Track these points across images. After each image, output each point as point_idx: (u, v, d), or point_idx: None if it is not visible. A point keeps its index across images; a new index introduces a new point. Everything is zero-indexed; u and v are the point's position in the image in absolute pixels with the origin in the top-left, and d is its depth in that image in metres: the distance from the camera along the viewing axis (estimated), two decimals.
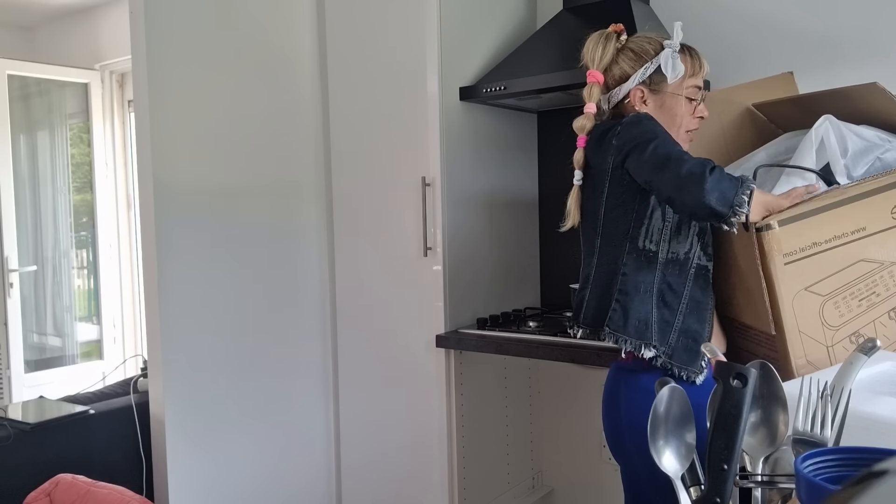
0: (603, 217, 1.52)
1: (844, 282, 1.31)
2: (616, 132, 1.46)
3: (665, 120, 1.50)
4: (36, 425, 2.01)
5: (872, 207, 1.31)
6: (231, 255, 2.24)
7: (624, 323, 1.46)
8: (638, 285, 1.47)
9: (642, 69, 1.51)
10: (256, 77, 2.31)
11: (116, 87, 4.15)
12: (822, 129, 1.41)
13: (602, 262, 1.52)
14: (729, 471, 0.71)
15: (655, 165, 1.38)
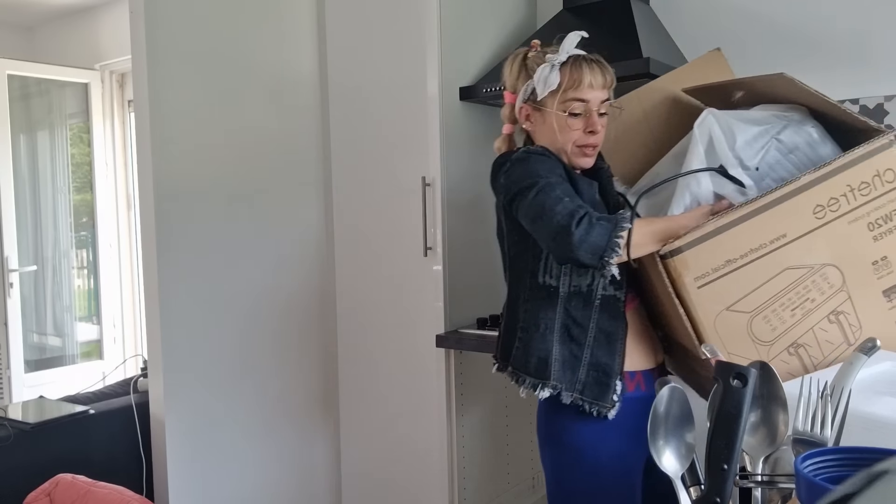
0: (507, 252, 1.51)
1: (771, 294, 1.21)
2: (505, 169, 1.44)
3: (549, 136, 1.47)
4: (36, 425, 2.01)
5: (791, 211, 1.21)
6: (231, 254, 2.24)
7: (525, 360, 1.44)
8: (539, 321, 1.44)
9: (524, 88, 1.49)
10: (256, 76, 2.31)
11: (116, 87, 4.15)
12: (706, 125, 1.33)
13: (510, 297, 1.52)
14: (729, 471, 0.71)
15: (531, 217, 1.36)
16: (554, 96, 1.43)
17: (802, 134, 1.32)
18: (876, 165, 1.21)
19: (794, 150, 1.32)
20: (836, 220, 1.20)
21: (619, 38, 2.14)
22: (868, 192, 1.21)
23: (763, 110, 1.37)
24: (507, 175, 1.43)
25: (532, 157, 1.42)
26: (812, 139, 1.33)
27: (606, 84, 1.47)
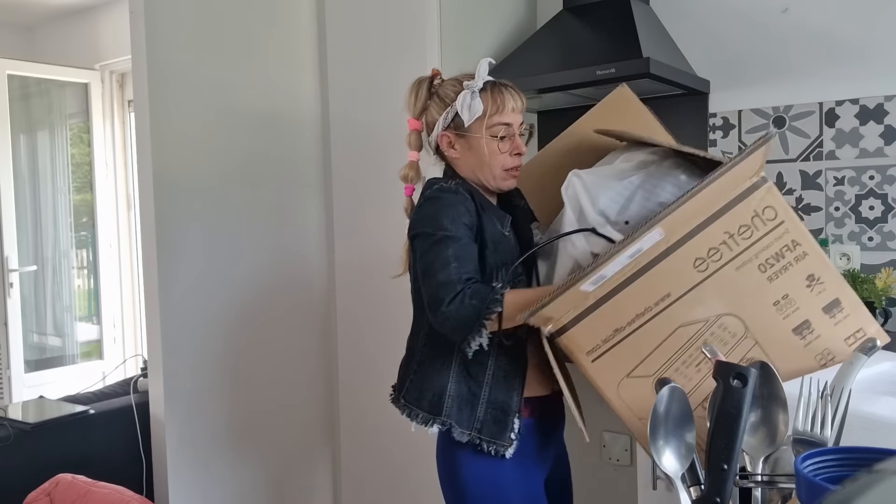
0: (412, 282, 1.49)
1: (670, 354, 1.15)
2: (419, 203, 1.44)
3: (475, 162, 1.47)
4: (36, 425, 2.01)
5: (670, 270, 1.14)
6: (231, 254, 2.24)
7: (418, 395, 1.43)
8: (436, 357, 1.43)
9: (443, 116, 1.47)
10: (256, 76, 2.31)
11: (116, 87, 4.15)
12: (572, 189, 1.32)
13: (413, 327, 1.51)
14: (729, 471, 0.71)
15: (420, 269, 1.38)
16: (480, 122, 1.44)
17: (669, 179, 1.28)
18: (752, 206, 1.15)
19: (661, 196, 1.27)
20: (722, 270, 1.14)
21: (619, 38, 2.15)
22: (750, 235, 1.15)
23: (628, 160, 1.31)
24: (416, 211, 1.44)
25: (444, 197, 1.40)
26: (679, 181, 1.28)
27: (524, 107, 1.51)
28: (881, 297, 1.98)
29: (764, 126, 2.26)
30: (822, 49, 2.15)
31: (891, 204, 2.08)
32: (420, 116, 1.51)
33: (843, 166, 2.14)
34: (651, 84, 2.13)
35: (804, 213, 2.20)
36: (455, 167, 1.51)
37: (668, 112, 2.43)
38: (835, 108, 2.14)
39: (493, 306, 1.27)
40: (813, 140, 2.18)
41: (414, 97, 1.51)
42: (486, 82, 1.46)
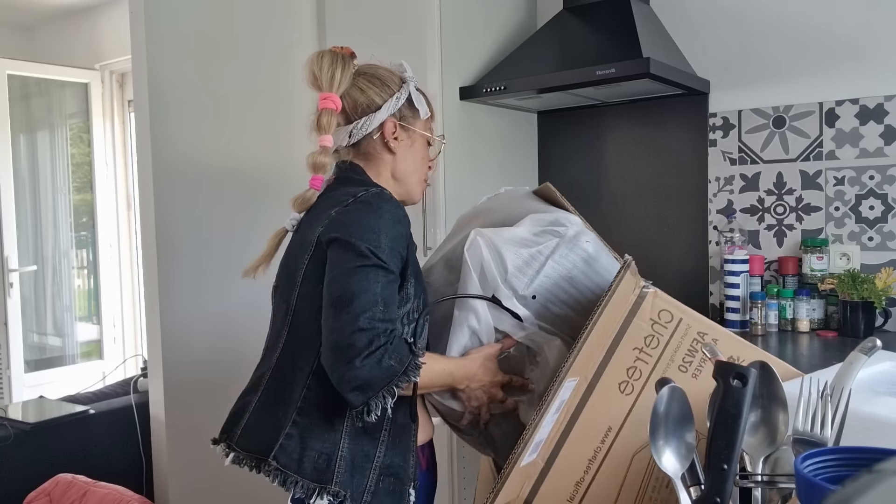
0: (296, 302, 1.16)
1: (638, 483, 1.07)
2: (346, 203, 1.14)
3: (411, 164, 1.28)
4: (36, 425, 2.01)
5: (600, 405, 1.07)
6: (231, 254, 2.24)
7: (299, 457, 1.10)
8: (327, 405, 1.11)
9: (393, 99, 1.25)
10: (256, 76, 2.31)
11: (116, 87, 4.15)
12: (475, 249, 1.18)
13: (283, 365, 1.16)
14: (729, 471, 0.71)
15: (336, 297, 1.06)
16: (425, 122, 1.30)
17: (577, 251, 1.21)
18: (647, 315, 1.12)
19: (571, 271, 1.20)
20: (647, 385, 1.09)
21: (619, 38, 2.15)
22: (658, 343, 1.11)
23: (534, 223, 1.22)
24: (347, 210, 1.13)
25: (388, 210, 1.13)
26: (588, 255, 1.22)
27: None
28: (881, 297, 1.98)
29: (764, 126, 2.26)
30: (822, 49, 2.15)
31: (891, 204, 2.08)
32: (340, 93, 1.23)
33: (843, 166, 2.14)
34: (651, 84, 2.14)
35: (804, 213, 2.21)
36: (376, 168, 1.26)
37: (668, 112, 2.43)
38: (835, 108, 2.14)
39: (411, 373, 1.06)
40: (813, 140, 2.18)
41: (339, 70, 1.23)
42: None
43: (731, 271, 2.17)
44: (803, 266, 2.16)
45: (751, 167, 2.29)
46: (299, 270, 1.16)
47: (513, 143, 2.55)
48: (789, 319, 2.13)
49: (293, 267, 1.19)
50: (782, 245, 2.25)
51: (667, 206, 2.45)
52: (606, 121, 2.56)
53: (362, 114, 1.24)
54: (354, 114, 1.24)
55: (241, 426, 1.19)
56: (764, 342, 2.01)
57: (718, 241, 2.34)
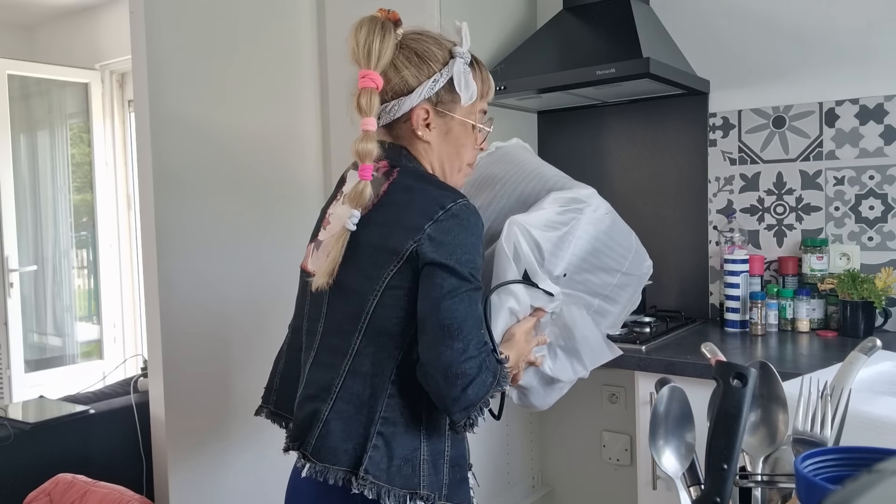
0: (372, 311, 1.10)
1: None
2: (437, 218, 1.07)
3: (448, 153, 1.19)
4: (36, 425, 2.01)
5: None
6: (232, 254, 2.24)
7: (387, 466, 1.08)
8: (410, 412, 1.11)
9: (430, 81, 1.14)
10: (256, 77, 2.30)
11: (116, 86, 4.15)
12: (512, 238, 1.20)
13: (359, 371, 1.11)
14: (729, 470, 0.71)
15: (447, 324, 1.05)
16: (472, 105, 1.19)
17: (597, 224, 1.29)
18: None
19: (594, 244, 1.28)
20: None
21: (619, 38, 2.15)
22: None
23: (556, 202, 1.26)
24: (438, 224, 1.06)
25: (478, 225, 1.10)
26: (607, 227, 1.31)
27: None
28: (881, 297, 1.98)
29: (764, 126, 2.26)
30: (822, 49, 2.15)
31: (890, 204, 2.08)
32: (384, 72, 1.12)
33: (843, 166, 2.14)
34: (651, 84, 2.14)
35: (804, 213, 2.21)
36: (416, 154, 1.17)
37: (668, 112, 2.43)
38: (835, 107, 2.14)
39: (503, 382, 1.09)
40: (813, 140, 2.18)
41: (378, 42, 1.12)
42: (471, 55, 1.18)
43: (731, 271, 2.17)
44: (803, 266, 2.16)
45: (751, 167, 2.29)
46: (381, 278, 1.09)
47: None
48: (789, 319, 2.13)
49: (369, 272, 1.10)
50: (782, 245, 2.25)
51: (667, 205, 2.45)
52: (606, 121, 2.56)
53: (393, 96, 1.14)
54: (386, 94, 1.14)
55: (316, 435, 1.12)
56: (764, 342, 2.01)
57: (718, 240, 2.34)
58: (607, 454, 2.51)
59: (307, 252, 1.25)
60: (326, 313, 1.16)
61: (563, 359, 1.30)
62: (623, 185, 2.53)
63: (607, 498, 2.53)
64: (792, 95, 2.21)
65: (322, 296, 1.15)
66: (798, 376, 0.90)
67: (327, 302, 1.15)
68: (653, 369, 1.84)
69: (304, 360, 1.20)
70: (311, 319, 1.19)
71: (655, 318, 2.26)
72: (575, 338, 1.29)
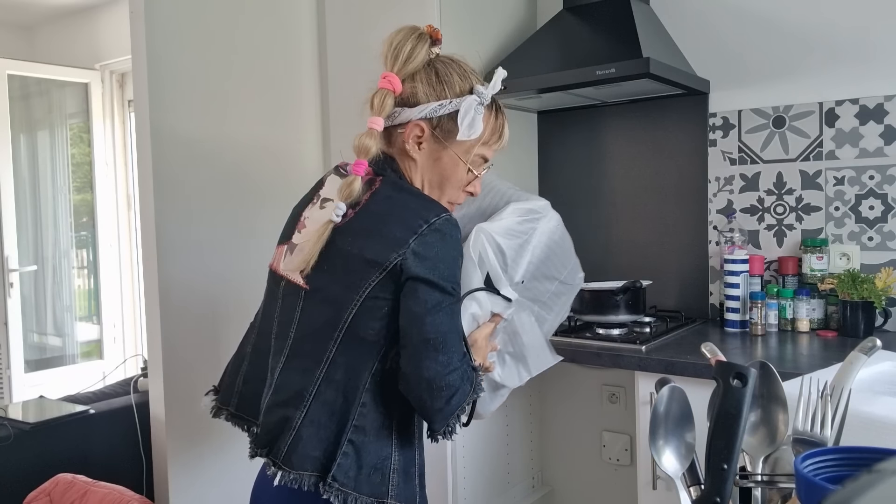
0: (350, 319, 1.09)
1: None
2: (420, 232, 1.08)
3: (431, 179, 1.19)
4: (36, 425, 2.01)
5: None
6: (232, 254, 2.24)
7: (356, 474, 1.09)
8: (382, 421, 1.11)
9: (436, 104, 1.15)
10: (256, 77, 2.30)
11: (116, 86, 4.15)
12: (479, 245, 1.22)
13: (333, 379, 1.10)
14: (729, 470, 0.71)
15: (431, 338, 1.07)
16: (472, 144, 1.18)
17: (549, 233, 1.32)
18: None
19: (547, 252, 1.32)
20: None
21: (619, 38, 2.14)
22: None
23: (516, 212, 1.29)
24: (422, 239, 1.07)
25: (458, 238, 1.12)
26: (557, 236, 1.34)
27: None
28: (881, 297, 1.98)
29: (764, 126, 2.26)
30: (822, 49, 2.15)
31: (891, 204, 2.08)
32: (404, 77, 1.15)
33: (843, 166, 2.14)
34: (651, 84, 2.14)
35: (804, 213, 2.21)
36: (403, 168, 1.19)
37: (668, 112, 2.43)
38: (835, 107, 2.14)
39: (478, 389, 1.13)
40: (813, 140, 2.18)
41: (408, 50, 1.15)
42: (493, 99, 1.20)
43: (731, 271, 2.17)
44: (803, 266, 2.16)
45: (751, 167, 2.29)
46: (360, 287, 1.08)
47: (512, 143, 2.53)
48: (789, 319, 2.13)
49: (348, 280, 1.09)
50: (782, 245, 2.25)
51: (667, 206, 2.45)
52: (606, 121, 2.56)
53: (399, 103, 1.17)
54: (400, 102, 1.17)
55: (287, 442, 1.10)
56: (764, 342, 2.01)
57: (718, 240, 2.34)
58: (607, 454, 2.51)
59: (278, 254, 1.25)
60: (299, 318, 1.14)
61: (510, 365, 1.31)
62: (623, 185, 2.53)
63: (607, 498, 2.53)
64: (792, 95, 2.21)
65: (295, 300, 1.15)
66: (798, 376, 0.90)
67: (301, 307, 1.14)
68: (653, 369, 1.84)
69: (273, 364, 1.17)
70: (281, 323, 1.18)
71: (655, 318, 2.26)
72: (523, 343, 1.31)
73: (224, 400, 1.29)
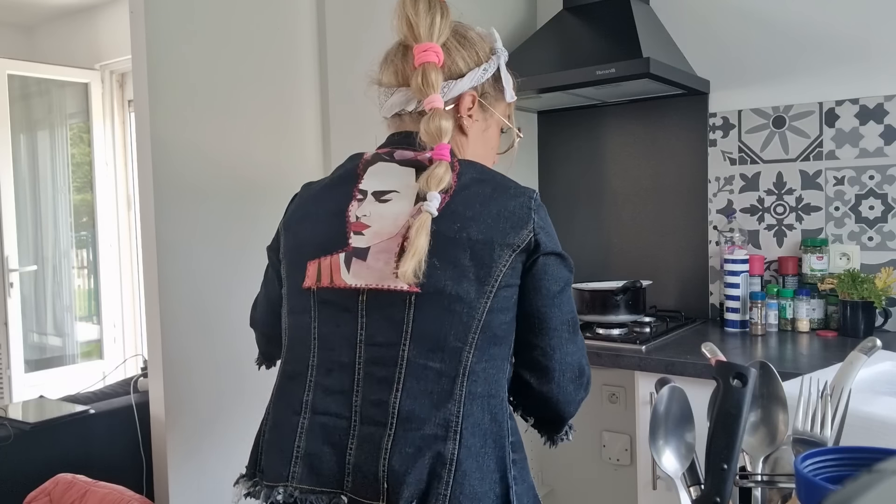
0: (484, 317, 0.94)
1: None
2: (533, 206, 0.97)
3: (480, 151, 1.09)
4: (36, 425, 2.01)
5: None
6: (231, 254, 2.24)
7: (530, 499, 0.97)
8: (483, 449, 0.92)
9: (480, 70, 1.04)
10: (256, 77, 2.30)
11: (116, 86, 4.15)
12: None
13: (475, 394, 0.93)
14: (729, 470, 0.71)
15: (571, 318, 0.99)
16: (507, 106, 1.11)
17: None
18: None
19: None
20: None
21: (619, 38, 2.14)
22: None
23: None
24: (543, 218, 0.97)
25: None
26: None
27: None
28: (881, 297, 1.98)
29: (764, 126, 2.26)
30: (822, 49, 2.15)
31: (891, 204, 2.08)
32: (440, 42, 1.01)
33: (843, 166, 2.14)
34: (651, 84, 2.14)
35: (804, 212, 2.20)
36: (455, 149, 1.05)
37: (668, 112, 2.43)
38: (835, 107, 2.14)
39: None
40: (813, 140, 2.18)
41: (439, 16, 1.00)
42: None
43: (731, 271, 2.17)
44: (803, 266, 2.16)
45: (751, 167, 2.29)
46: (492, 277, 0.93)
47: None
48: (789, 319, 2.13)
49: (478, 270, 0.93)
50: (782, 245, 2.25)
51: (667, 206, 2.45)
52: (606, 121, 2.56)
53: (446, 77, 1.02)
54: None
55: (449, 485, 0.90)
56: (764, 342, 2.01)
57: (718, 240, 2.34)
58: (607, 454, 2.51)
59: (323, 268, 1.00)
60: (412, 331, 0.93)
61: None
62: (623, 185, 2.53)
63: (607, 498, 2.53)
64: (792, 95, 2.21)
65: (394, 311, 0.94)
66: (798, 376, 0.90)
67: (412, 317, 0.93)
68: (653, 369, 1.84)
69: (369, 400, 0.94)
70: (375, 346, 0.95)
71: (655, 317, 2.26)
72: None
73: (275, 476, 0.98)
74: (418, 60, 0.99)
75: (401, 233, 0.96)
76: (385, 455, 0.91)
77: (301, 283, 1.01)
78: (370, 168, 1.07)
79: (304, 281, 1.00)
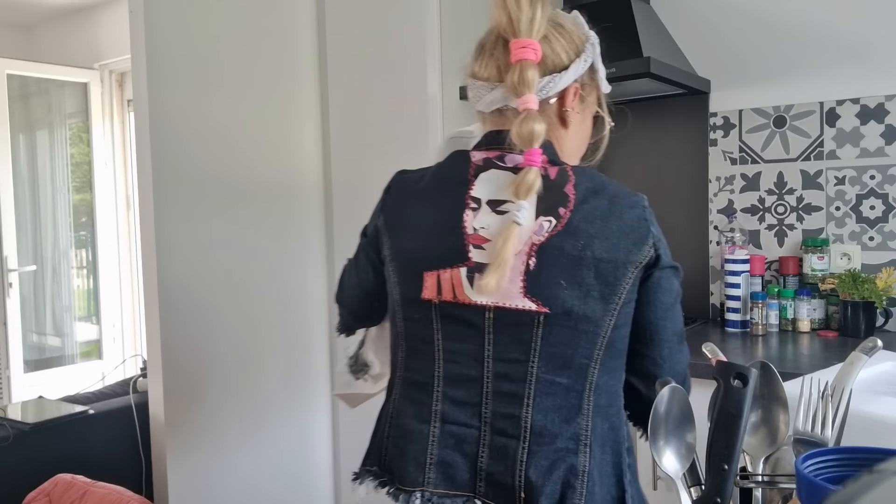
0: (608, 334, 0.95)
1: None
2: (649, 217, 0.98)
3: (577, 144, 1.07)
4: (35, 425, 2.01)
5: None
6: (231, 255, 2.23)
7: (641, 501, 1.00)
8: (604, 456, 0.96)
9: (581, 60, 0.99)
10: (256, 77, 2.30)
11: (116, 86, 4.14)
12: None
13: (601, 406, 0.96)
14: (729, 471, 0.71)
15: (680, 328, 1.00)
16: (601, 97, 1.08)
17: None
18: None
19: None
20: None
21: (619, 38, 2.14)
22: None
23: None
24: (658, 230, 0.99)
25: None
26: None
27: None
28: (881, 297, 1.97)
29: (765, 125, 2.26)
30: (822, 49, 2.15)
31: (891, 203, 2.08)
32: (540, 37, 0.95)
33: (844, 166, 2.14)
34: (651, 83, 2.13)
35: (805, 212, 2.20)
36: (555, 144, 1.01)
37: (669, 112, 2.43)
38: (835, 107, 2.14)
39: None
40: (814, 140, 2.18)
41: (539, 10, 0.94)
42: None
43: (732, 271, 2.17)
44: (804, 266, 2.16)
45: (751, 167, 2.29)
46: (616, 294, 0.93)
47: None
48: (790, 319, 2.13)
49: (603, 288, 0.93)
50: (783, 245, 2.25)
51: (667, 205, 2.45)
52: None
53: (546, 72, 0.97)
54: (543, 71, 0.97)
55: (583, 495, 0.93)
56: (764, 342, 2.01)
57: (719, 240, 2.34)
58: None
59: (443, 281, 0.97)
60: (541, 349, 0.94)
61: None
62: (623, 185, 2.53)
63: None
64: (792, 95, 2.21)
65: (521, 330, 0.94)
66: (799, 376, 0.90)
67: (540, 335, 0.93)
68: None
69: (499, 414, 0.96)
70: (504, 362, 0.95)
71: None
72: None
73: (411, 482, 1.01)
74: (515, 57, 0.94)
75: (524, 250, 0.93)
76: (521, 467, 0.94)
77: (419, 294, 0.99)
78: (482, 174, 1.00)
79: (423, 292, 0.99)
